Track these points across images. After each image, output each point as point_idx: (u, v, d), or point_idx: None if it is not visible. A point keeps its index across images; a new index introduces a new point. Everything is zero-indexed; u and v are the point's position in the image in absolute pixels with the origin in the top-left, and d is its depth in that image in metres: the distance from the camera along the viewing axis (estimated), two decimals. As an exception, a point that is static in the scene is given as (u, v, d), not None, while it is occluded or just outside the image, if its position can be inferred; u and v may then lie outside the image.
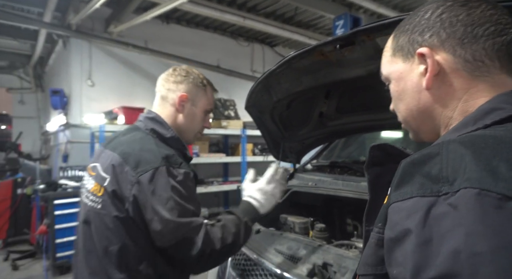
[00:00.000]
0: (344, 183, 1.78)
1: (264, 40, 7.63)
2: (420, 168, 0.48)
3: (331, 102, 1.80)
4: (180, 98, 1.21)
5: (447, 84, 0.60)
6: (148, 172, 1.03)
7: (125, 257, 1.05)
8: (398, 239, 0.45)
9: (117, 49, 5.78)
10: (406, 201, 0.46)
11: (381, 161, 0.64)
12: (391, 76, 0.69)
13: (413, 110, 0.65)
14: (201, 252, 1.02)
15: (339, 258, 1.29)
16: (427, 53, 0.60)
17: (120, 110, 5.17)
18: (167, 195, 1.02)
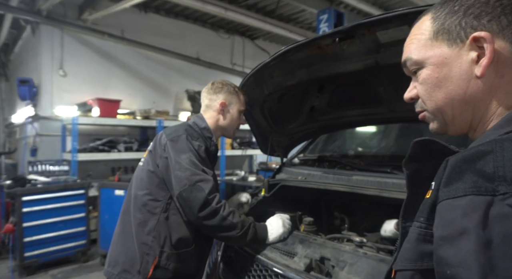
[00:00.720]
0: (335, 176, 1.78)
1: (245, 33, 7.55)
2: (472, 165, 0.46)
3: (324, 96, 1.79)
4: (221, 105, 1.60)
5: (499, 74, 0.56)
6: (174, 137, 1.45)
7: (146, 202, 1.44)
8: (451, 237, 0.44)
9: (92, 38, 5.51)
10: (459, 198, 0.45)
11: (420, 157, 0.62)
12: (429, 61, 0.63)
13: (455, 99, 0.61)
14: (206, 200, 1.31)
15: (336, 252, 1.28)
16: (488, 38, 0.55)
17: (94, 102, 4.95)
18: (185, 154, 1.39)
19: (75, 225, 3.94)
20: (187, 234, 1.45)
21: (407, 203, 0.64)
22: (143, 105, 5.95)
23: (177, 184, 1.36)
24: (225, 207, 1.36)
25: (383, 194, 1.52)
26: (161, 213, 1.43)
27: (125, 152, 5.01)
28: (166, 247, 1.42)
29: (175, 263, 1.43)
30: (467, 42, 0.58)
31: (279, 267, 1.31)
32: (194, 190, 1.33)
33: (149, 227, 1.42)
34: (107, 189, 3.98)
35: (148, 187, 1.46)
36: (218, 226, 1.34)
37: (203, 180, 1.36)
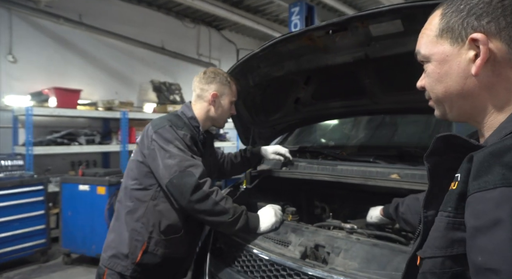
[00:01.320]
0: (319, 166, 1.83)
1: (211, 23, 7.39)
2: (499, 158, 0.49)
3: (309, 88, 1.82)
4: (212, 96, 1.58)
5: (496, 73, 0.60)
6: (160, 128, 1.46)
7: (135, 191, 1.49)
8: (486, 227, 0.46)
9: (46, 22, 5.07)
10: (490, 191, 0.48)
11: (441, 151, 0.64)
12: (434, 57, 0.67)
13: (453, 94, 0.66)
14: (197, 184, 1.33)
15: (330, 239, 1.32)
16: (482, 40, 0.59)
17: (51, 91, 4.59)
18: (172, 143, 1.41)
19: (33, 223, 3.66)
20: (176, 220, 1.48)
21: (429, 193, 0.67)
22: (105, 96, 5.63)
23: (167, 171, 1.37)
24: (217, 192, 1.38)
25: (368, 182, 1.59)
26: (150, 201, 1.47)
27: (86, 145, 4.73)
28: (155, 233, 1.45)
29: (164, 248, 1.46)
30: (467, 41, 0.62)
31: (274, 256, 1.32)
32: (184, 175, 1.35)
33: (138, 214, 1.47)
34: (69, 184, 3.74)
35: (137, 177, 1.50)
36: (210, 210, 1.35)
37: (193, 165, 1.38)
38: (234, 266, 1.47)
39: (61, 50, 5.27)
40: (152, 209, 1.46)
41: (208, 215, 1.36)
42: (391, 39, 1.31)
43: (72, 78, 5.35)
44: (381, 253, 1.17)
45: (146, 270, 1.46)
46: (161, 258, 1.46)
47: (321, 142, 2.41)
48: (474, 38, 0.61)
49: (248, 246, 1.43)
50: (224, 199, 1.39)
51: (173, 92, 6.32)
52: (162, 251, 1.46)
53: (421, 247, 0.63)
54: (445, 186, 0.60)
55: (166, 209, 1.47)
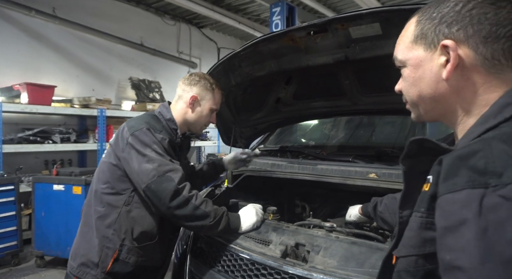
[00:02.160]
0: (300, 166, 1.84)
1: (192, 21, 7.31)
2: (466, 162, 0.52)
3: (290, 88, 1.83)
4: (192, 98, 1.53)
5: (464, 77, 0.64)
6: (136, 131, 1.39)
7: (107, 195, 1.42)
8: (453, 227, 0.49)
9: (17, 14, 4.85)
10: (457, 192, 0.50)
11: (415, 153, 0.67)
12: (409, 62, 0.71)
13: (425, 98, 0.69)
14: (176, 189, 1.28)
15: (310, 237, 1.34)
16: (452, 46, 0.63)
17: (23, 87, 4.40)
18: (149, 147, 1.36)
19: (3, 225, 3.51)
20: (150, 227, 1.43)
21: (404, 194, 0.70)
22: (81, 92, 5.46)
23: (145, 176, 1.32)
24: (197, 196, 1.35)
25: (347, 181, 1.62)
26: (123, 206, 1.40)
27: (61, 143, 4.57)
28: (127, 241, 1.39)
29: (136, 256, 1.41)
30: (439, 47, 0.66)
31: (255, 255, 1.32)
32: (163, 180, 1.30)
33: (110, 220, 1.40)
34: (43, 184, 3.60)
35: (109, 180, 1.43)
36: (190, 215, 1.32)
37: (172, 170, 1.33)
38: (215, 266, 1.46)
39: (34, 44, 5.06)
40: (125, 215, 1.39)
41: (189, 220, 1.33)
42: (370, 42, 1.34)
43: (46, 73, 5.15)
44: (359, 250, 1.20)
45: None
46: (133, 266, 1.40)
47: (302, 142, 2.44)
48: (445, 44, 0.64)
49: (229, 245, 1.43)
50: (204, 203, 1.36)
51: (152, 90, 6.21)
52: (134, 259, 1.40)
53: (396, 246, 0.65)
54: (419, 188, 0.63)
55: (140, 215, 1.41)
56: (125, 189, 1.41)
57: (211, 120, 1.62)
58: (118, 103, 5.95)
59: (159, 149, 1.36)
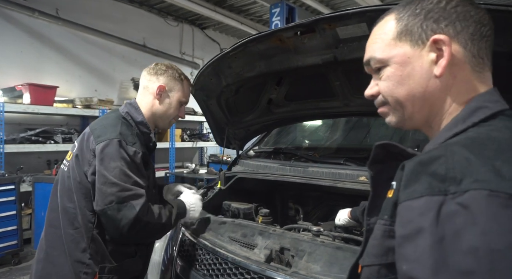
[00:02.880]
0: (291, 168, 1.82)
1: (194, 22, 7.32)
2: (427, 168, 0.50)
3: (282, 89, 1.81)
4: (159, 88, 1.39)
5: (452, 75, 0.62)
6: (104, 142, 1.23)
7: (76, 216, 1.27)
8: (410, 236, 0.47)
9: (20, 15, 4.90)
10: (416, 199, 0.48)
11: (382, 159, 0.65)
12: (394, 59, 0.66)
13: (415, 96, 0.65)
14: (137, 218, 1.18)
15: (295, 241, 1.32)
16: (446, 41, 0.60)
17: (25, 87, 4.44)
18: (115, 163, 1.21)
19: (4, 224, 3.54)
20: (126, 246, 1.35)
21: (372, 201, 0.67)
22: (83, 93, 5.49)
23: (102, 199, 1.19)
24: (153, 213, 1.25)
25: (336, 184, 1.59)
26: (94, 228, 1.27)
27: (63, 143, 4.60)
28: (107, 261, 1.29)
29: (119, 274, 1.31)
30: (428, 43, 0.62)
31: (239, 259, 1.30)
32: (122, 208, 1.18)
33: (84, 244, 1.26)
34: (42, 184, 3.64)
35: (77, 199, 1.28)
36: (150, 232, 1.29)
37: (134, 196, 1.20)
38: (200, 270, 1.44)
39: (37, 45, 5.11)
40: (97, 237, 1.27)
41: (150, 236, 1.34)
42: (358, 42, 1.31)
43: (49, 74, 5.19)
44: (344, 256, 1.17)
45: None
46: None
47: (296, 143, 2.41)
48: (437, 39, 0.61)
49: (214, 249, 1.41)
50: (159, 215, 1.28)
51: (154, 90, 6.23)
52: (117, 278, 1.31)
53: (362, 255, 0.63)
54: (384, 194, 0.61)
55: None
56: (90, 210, 1.26)
57: (180, 114, 1.48)
58: (121, 104, 5.96)
59: (125, 166, 1.21)
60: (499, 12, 0.92)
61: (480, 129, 0.55)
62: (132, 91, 6.19)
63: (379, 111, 0.73)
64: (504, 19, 0.95)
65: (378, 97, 0.71)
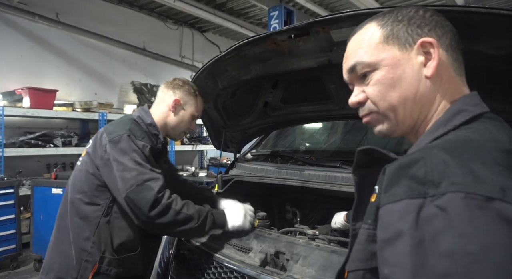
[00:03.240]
0: (288, 171, 1.81)
1: (194, 25, 7.35)
2: (406, 171, 0.50)
3: (278, 92, 1.81)
4: (175, 101, 1.53)
5: (439, 76, 0.63)
6: (115, 138, 1.34)
7: (84, 206, 1.35)
8: (390, 239, 0.47)
9: (20, 19, 4.93)
10: (396, 203, 0.48)
11: (366, 163, 0.65)
12: (383, 62, 0.66)
13: (408, 99, 0.64)
14: (156, 198, 1.23)
15: (290, 245, 1.31)
16: (434, 43, 0.62)
17: (25, 91, 4.46)
18: (128, 155, 1.31)
19: (3, 228, 3.54)
20: (130, 238, 1.38)
21: (356, 206, 0.67)
22: (83, 96, 5.51)
23: (123, 185, 1.27)
24: (177, 201, 1.30)
25: (333, 187, 1.59)
26: (101, 217, 1.35)
27: (62, 146, 4.60)
28: (107, 253, 1.34)
29: (118, 268, 1.35)
30: (415, 47, 0.64)
31: (234, 263, 1.30)
32: (142, 189, 1.25)
33: (88, 232, 1.34)
34: (41, 187, 3.64)
35: (86, 190, 1.36)
36: (173, 221, 1.27)
37: (152, 179, 1.28)
38: (195, 274, 1.44)
39: (37, 49, 5.14)
40: (104, 226, 1.34)
41: (172, 226, 1.28)
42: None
43: (49, 78, 5.21)
44: (338, 259, 1.16)
45: None
46: (114, 278, 1.35)
47: (293, 146, 2.41)
48: (425, 41, 0.63)
49: (209, 253, 1.40)
50: (185, 206, 1.31)
51: (154, 94, 6.24)
52: (116, 271, 1.35)
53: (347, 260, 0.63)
54: (369, 199, 0.61)
55: (120, 226, 1.37)
56: (103, 198, 1.36)
57: (191, 127, 1.60)
58: (121, 107, 6.00)
59: (138, 157, 1.31)
60: (490, 15, 0.92)
61: (459, 132, 0.56)
62: (132, 95, 6.21)
63: (366, 121, 0.71)
64: (497, 23, 0.95)
65: (365, 105, 0.70)
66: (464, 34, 0.72)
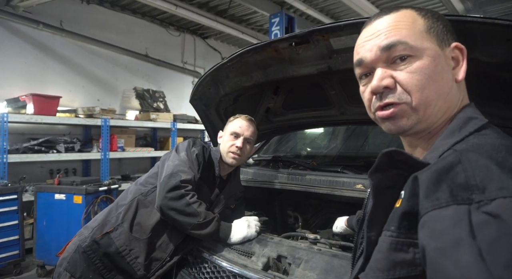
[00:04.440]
0: (289, 176, 1.83)
1: (196, 32, 7.42)
2: (446, 176, 0.48)
3: (279, 98, 1.84)
4: (220, 135, 1.77)
5: (462, 82, 0.66)
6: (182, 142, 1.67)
7: (138, 185, 1.63)
8: (447, 248, 0.43)
9: (25, 27, 5.00)
10: (444, 208, 0.45)
11: (384, 167, 0.60)
12: (427, 52, 0.61)
13: (442, 96, 0.61)
14: (177, 184, 1.43)
15: (292, 249, 1.32)
16: (464, 50, 0.64)
17: (29, 98, 4.50)
18: (181, 152, 1.58)
19: (6, 234, 3.55)
20: (147, 223, 1.53)
21: (373, 212, 0.61)
22: (86, 103, 5.56)
23: (165, 171, 1.51)
24: (192, 196, 1.44)
25: (334, 192, 1.61)
26: (139, 195, 1.58)
27: (65, 152, 4.64)
28: (125, 224, 1.51)
29: (123, 241, 1.49)
30: (450, 47, 0.64)
31: (237, 267, 1.31)
32: (172, 176, 1.46)
33: (125, 201, 1.57)
34: (45, 193, 3.66)
35: (147, 176, 1.67)
36: (181, 209, 1.40)
37: (185, 172, 1.48)
38: (198, 278, 1.45)
39: (41, 56, 5.20)
40: (135, 203, 1.55)
41: (179, 213, 1.41)
42: (351, 53, 1.33)
43: (52, 85, 5.27)
44: (340, 263, 1.18)
45: (97, 254, 1.46)
46: (115, 250, 1.46)
47: (295, 151, 2.43)
48: (459, 46, 0.64)
49: (212, 257, 1.42)
50: (198, 203, 1.43)
51: (156, 99, 6.29)
52: (120, 243, 1.48)
53: (363, 269, 0.59)
54: (386, 204, 0.58)
55: (146, 209, 1.55)
56: (150, 183, 1.61)
57: (236, 144, 1.66)
58: (123, 113, 6.04)
59: (185, 155, 1.57)
60: (486, 24, 0.94)
61: (480, 138, 0.55)
62: (134, 101, 6.26)
63: (390, 112, 0.63)
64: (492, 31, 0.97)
65: (396, 92, 0.62)
66: (462, 42, 0.74)
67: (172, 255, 1.54)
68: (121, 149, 5.30)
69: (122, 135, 5.40)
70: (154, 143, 6.36)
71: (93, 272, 1.45)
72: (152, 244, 1.52)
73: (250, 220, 1.56)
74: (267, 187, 1.85)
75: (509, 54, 1.01)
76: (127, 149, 5.39)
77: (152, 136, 6.43)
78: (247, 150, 1.69)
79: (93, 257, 1.46)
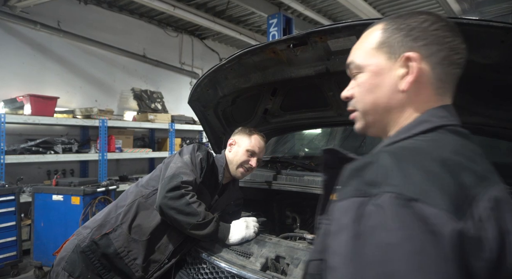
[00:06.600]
0: (287, 177, 1.84)
1: (194, 32, 7.42)
2: (358, 173, 0.56)
3: (277, 99, 1.85)
4: (230, 144, 1.79)
5: (415, 93, 0.65)
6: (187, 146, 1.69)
7: (139, 187, 1.64)
8: (336, 232, 0.54)
9: (22, 27, 4.99)
10: (343, 201, 0.54)
11: (334, 164, 0.69)
12: (368, 68, 0.70)
13: (379, 106, 0.69)
14: (178, 185, 1.45)
15: (290, 250, 1.33)
16: (417, 58, 0.64)
17: (26, 98, 4.49)
18: (185, 155, 1.61)
19: (3, 235, 3.54)
20: (147, 225, 1.53)
21: (322, 204, 0.72)
22: (84, 103, 5.55)
23: (168, 172, 1.53)
24: (192, 196, 1.45)
25: (332, 192, 1.62)
26: (140, 197, 1.58)
27: (63, 153, 4.63)
28: (124, 225, 1.51)
29: (121, 242, 1.49)
30: (399, 59, 0.66)
31: (235, 267, 1.32)
32: (174, 177, 1.48)
33: (126, 202, 1.58)
34: (42, 194, 3.65)
35: (149, 178, 1.68)
36: (181, 209, 1.41)
37: (186, 174, 1.50)
38: (197, 278, 1.46)
39: (39, 56, 5.19)
40: (136, 204, 1.56)
41: (178, 213, 1.42)
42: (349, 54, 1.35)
43: (50, 85, 5.25)
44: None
45: (96, 254, 1.46)
46: (113, 251, 1.47)
47: (293, 152, 2.44)
48: (408, 56, 0.65)
49: (210, 257, 1.43)
50: (198, 203, 1.44)
51: (154, 100, 6.29)
52: (119, 244, 1.48)
53: None
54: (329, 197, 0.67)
55: (146, 212, 1.55)
56: (152, 185, 1.62)
57: (251, 163, 1.72)
58: (121, 114, 6.04)
59: (189, 159, 1.59)
60: (480, 26, 0.96)
61: (411, 140, 0.61)
62: (132, 101, 6.25)
63: (351, 116, 0.77)
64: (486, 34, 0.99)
65: (351, 101, 0.75)
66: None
67: (171, 257, 1.54)
68: (119, 149, 5.30)
69: (120, 136, 5.39)
70: (152, 143, 6.36)
71: (91, 272, 1.46)
72: (151, 246, 1.52)
73: (248, 220, 1.56)
74: (265, 188, 1.86)
75: (503, 55, 1.03)
76: (125, 150, 5.38)
77: (150, 137, 6.43)
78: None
79: (91, 257, 1.46)
